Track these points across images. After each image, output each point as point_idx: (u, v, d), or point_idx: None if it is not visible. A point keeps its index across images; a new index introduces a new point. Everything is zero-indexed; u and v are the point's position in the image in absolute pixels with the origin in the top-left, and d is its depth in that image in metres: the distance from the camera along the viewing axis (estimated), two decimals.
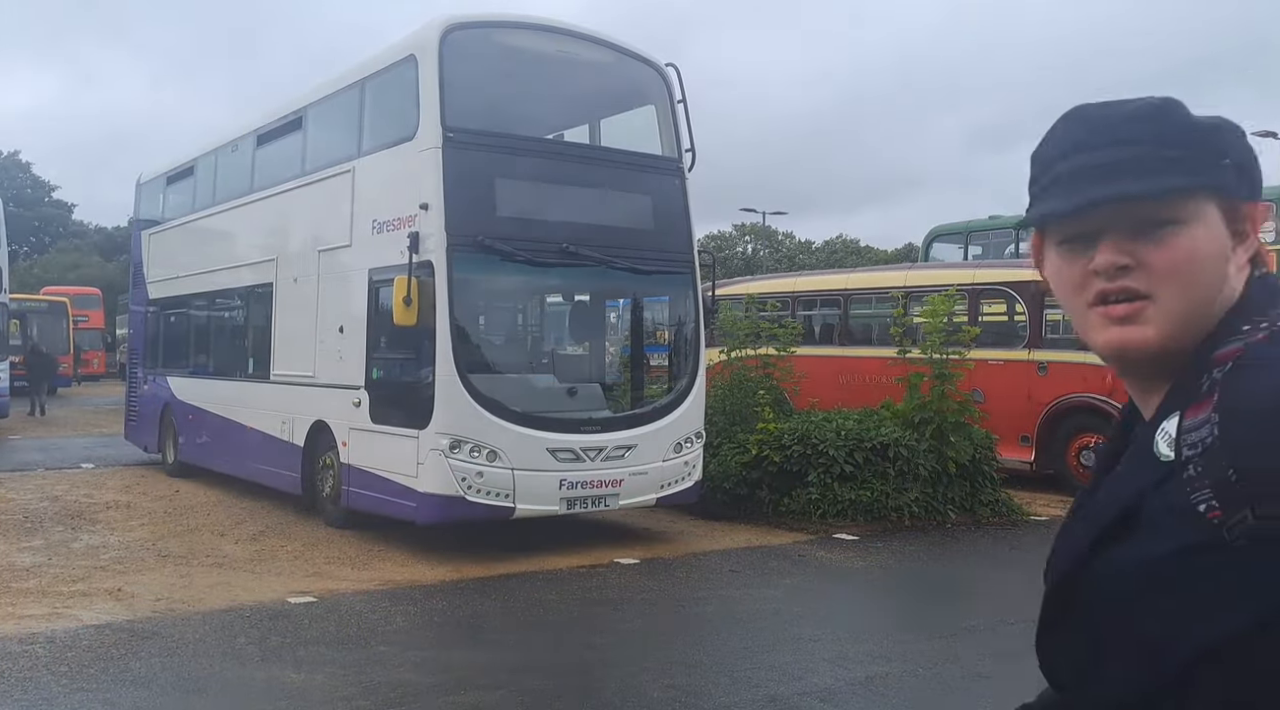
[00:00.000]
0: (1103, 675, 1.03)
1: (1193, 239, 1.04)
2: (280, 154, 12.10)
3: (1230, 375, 0.97)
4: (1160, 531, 0.98)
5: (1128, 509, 1.01)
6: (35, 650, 6.09)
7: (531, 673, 5.84)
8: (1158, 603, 0.97)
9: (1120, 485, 1.05)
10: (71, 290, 39.80)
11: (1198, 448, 0.96)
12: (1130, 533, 1.00)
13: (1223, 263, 1.06)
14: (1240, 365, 0.97)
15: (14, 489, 12.71)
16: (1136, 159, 1.05)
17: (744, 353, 12.44)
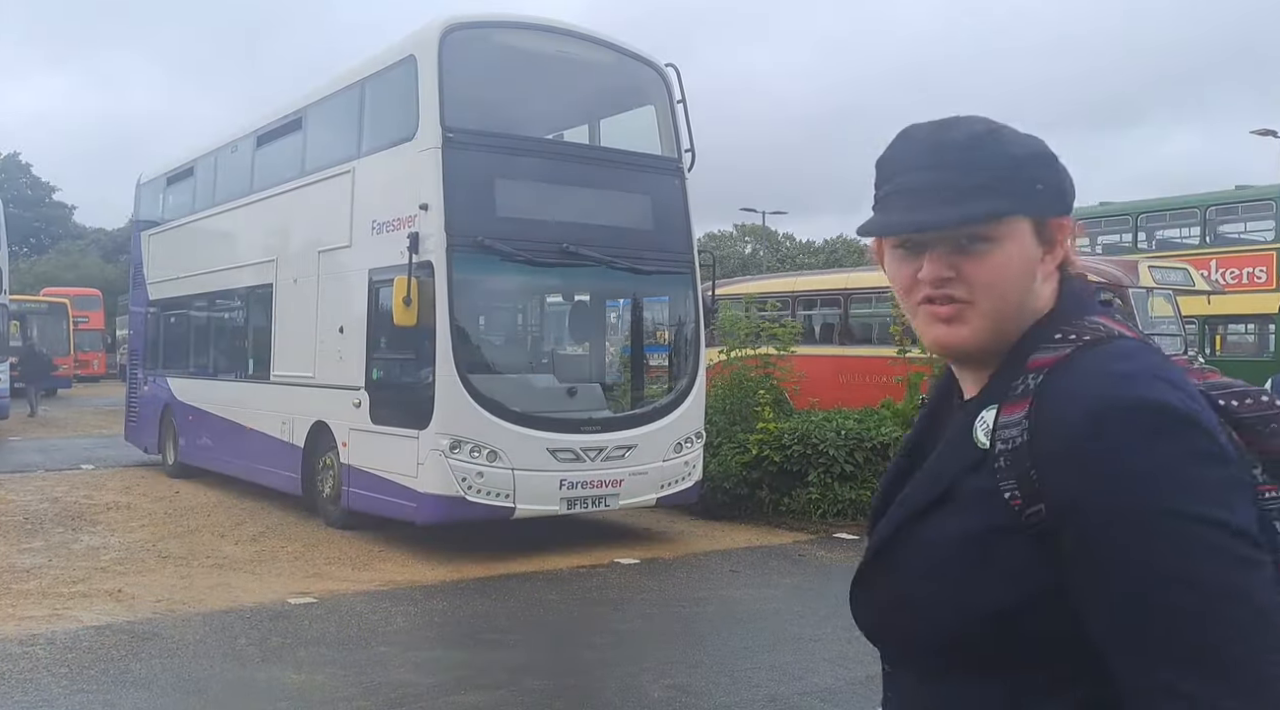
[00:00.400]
0: (919, 614, 1.19)
1: (1005, 255, 1.18)
2: (280, 155, 12.10)
3: (1042, 389, 1.12)
4: (973, 509, 1.15)
5: (948, 488, 1.18)
6: (36, 651, 6.09)
7: (532, 673, 5.84)
8: (964, 568, 1.14)
9: (943, 463, 1.21)
10: (72, 291, 39.80)
11: (1009, 444, 1.13)
12: (948, 506, 1.17)
13: (1031, 273, 1.20)
14: (1052, 381, 1.12)
15: (14, 490, 12.71)
16: (953, 185, 1.18)
17: (744, 352, 12.44)
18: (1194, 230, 18.43)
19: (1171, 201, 19.18)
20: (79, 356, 36.85)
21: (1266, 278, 16.85)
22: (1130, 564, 1.03)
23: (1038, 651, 1.13)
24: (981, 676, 1.16)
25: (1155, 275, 13.37)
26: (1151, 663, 1.02)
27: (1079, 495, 1.06)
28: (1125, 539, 1.03)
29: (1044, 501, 1.09)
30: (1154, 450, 1.04)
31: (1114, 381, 1.09)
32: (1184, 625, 1.01)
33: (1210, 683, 0.99)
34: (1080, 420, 1.07)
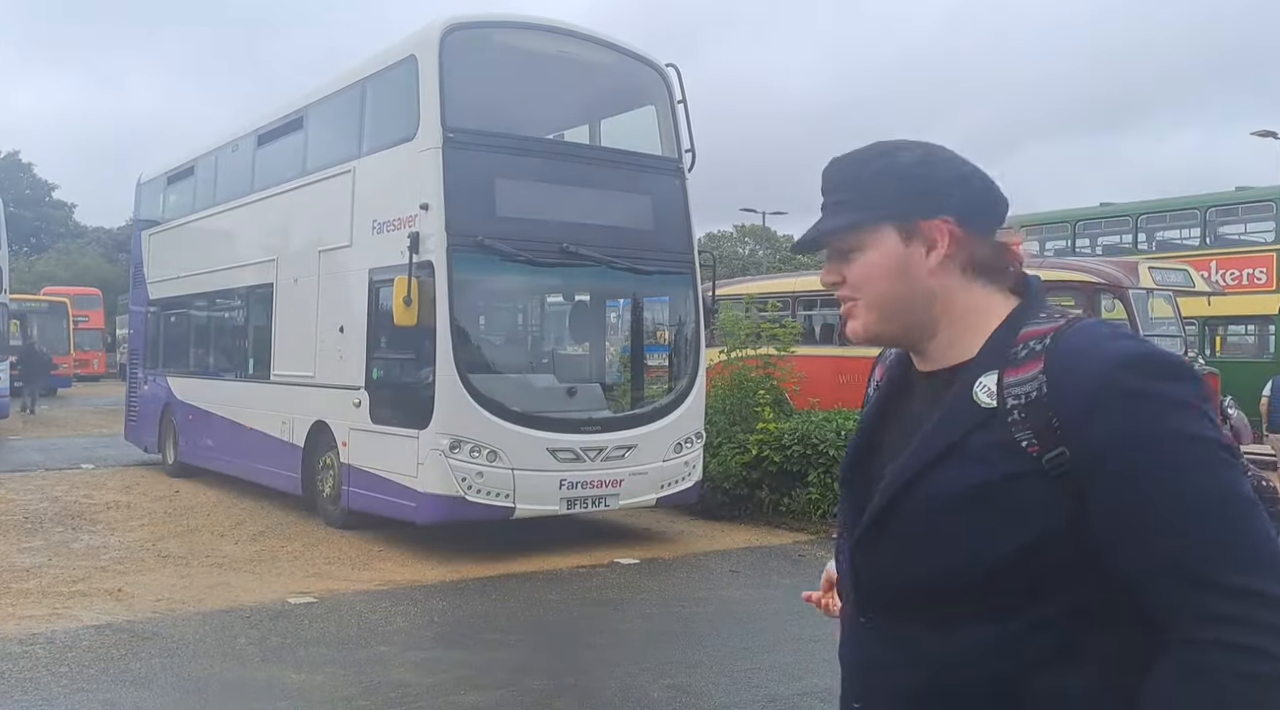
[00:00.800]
0: (926, 564, 1.32)
1: (868, 260, 1.41)
2: (280, 154, 12.10)
3: (1052, 349, 1.29)
4: (987, 460, 1.29)
5: (953, 445, 1.32)
6: (35, 651, 6.09)
7: (531, 673, 5.84)
8: (981, 514, 1.28)
9: (944, 425, 1.34)
10: (72, 290, 39.80)
11: (1022, 399, 1.29)
12: (954, 461, 1.31)
13: (904, 269, 1.40)
14: (1060, 343, 1.30)
15: (14, 489, 12.71)
16: (824, 206, 1.45)
17: (744, 353, 12.43)
18: (1194, 231, 18.42)
19: (1172, 202, 19.17)
20: (79, 356, 36.84)
21: (1267, 279, 16.84)
22: (1167, 480, 1.21)
23: (1046, 593, 1.27)
24: (993, 618, 1.28)
25: (1155, 276, 13.37)
26: (1192, 558, 1.20)
27: (1117, 428, 1.23)
28: (1160, 458, 1.22)
29: (1066, 444, 1.25)
30: (1174, 389, 1.25)
31: (1126, 341, 1.29)
32: (1213, 520, 1.20)
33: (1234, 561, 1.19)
34: (1111, 367, 1.25)
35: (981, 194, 1.41)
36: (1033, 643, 1.27)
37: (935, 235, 1.39)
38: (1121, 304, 12.72)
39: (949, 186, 1.40)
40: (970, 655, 1.30)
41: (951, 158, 1.44)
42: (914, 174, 1.40)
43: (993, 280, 1.42)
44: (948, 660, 1.32)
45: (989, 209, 1.42)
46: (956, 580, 1.30)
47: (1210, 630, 1.18)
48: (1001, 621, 1.28)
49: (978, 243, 1.40)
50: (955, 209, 1.39)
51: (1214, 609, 1.19)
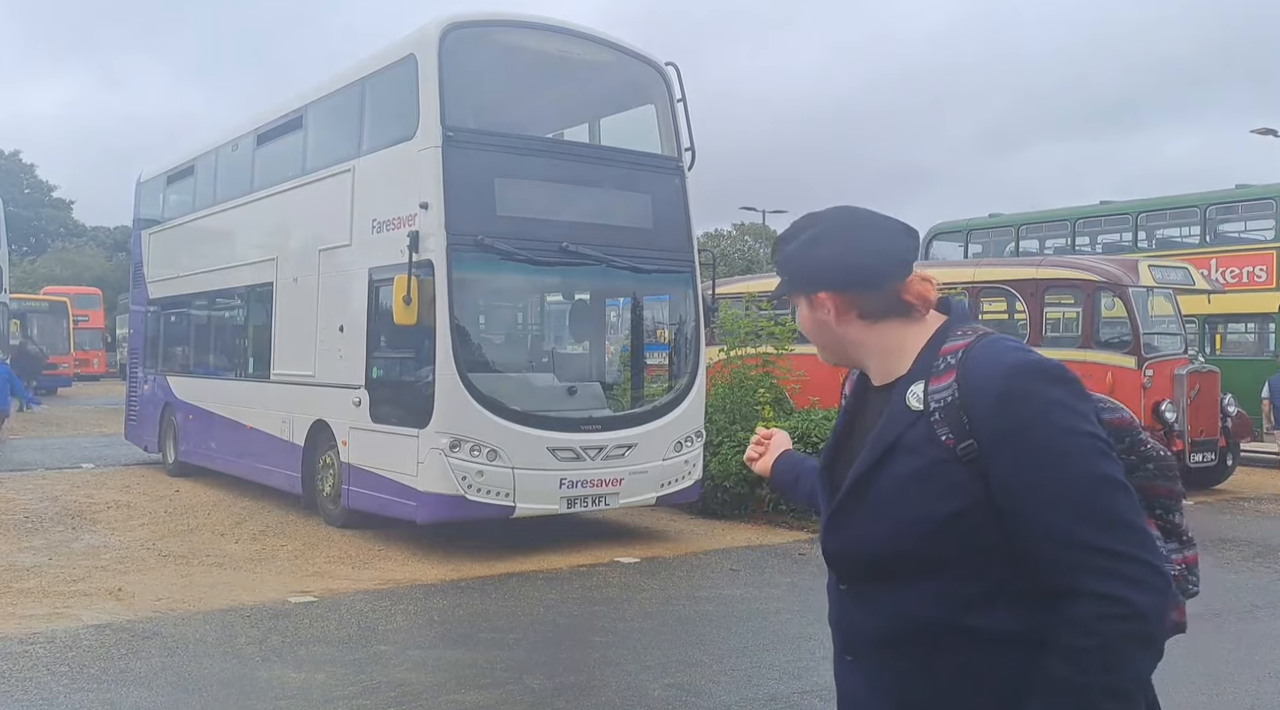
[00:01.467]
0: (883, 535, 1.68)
1: (802, 314, 1.86)
2: (280, 153, 12.10)
3: (964, 363, 1.65)
4: (918, 451, 1.65)
5: (895, 440, 1.68)
6: (36, 650, 6.09)
7: (532, 672, 5.84)
8: (920, 492, 1.64)
9: (886, 426, 1.71)
10: (72, 290, 39.84)
11: (941, 402, 1.65)
12: (898, 454, 1.67)
13: (821, 324, 1.82)
14: (968, 357, 1.65)
15: (14, 489, 12.72)
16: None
17: (744, 351, 12.43)
18: (1194, 229, 18.41)
19: (1172, 200, 19.16)
20: (79, 355, 36.86)
21: (1266, 277, 16.84)
22: (1049, 464, 1.56)
23: (969, 553, 1.62)
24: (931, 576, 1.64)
25: (1155, 274, 13.36)
26: (1063, 522, 1.55)
27: (1009, 424, 1.58)
28: (1043, 447, 1.57)
29: (974, 437, 1.60)
30: (1054, 391, 1.59)
31: (1018, 353, 1.64)
32: (1085, 496, 1.56)
33: (1100, 527, 1.55)
34: (1004, 375, 1.60)
35: (860, 265, 1.75)
36: (962, 592, 1.62)
37: (822, 303, 1.80)
38: (1121, 302, 12.71)
39: (824, 267, 1.78)
40: (915, 605, 1.66)
41: (840, 234, 1.78)
42: (801, 259, 1.80)
43: (901, 316, 1.77)
44: (899, 610, 1.68)
45: (868, 276, 1.75)
46: (903, 546, 1.66)
47: (1085, 582, 1.53)
48: (937, 577, 1.64)
49: (865, 299, 1.76)
50: (830, 283, 1.78)
51: (1087, 563, 1.54)
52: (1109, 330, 13.25)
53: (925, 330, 1.76)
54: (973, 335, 1.70)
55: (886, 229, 1.78)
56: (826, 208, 1.84)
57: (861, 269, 1.76)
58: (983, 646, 1.62)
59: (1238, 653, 6.24)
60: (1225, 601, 7.31)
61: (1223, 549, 9.26)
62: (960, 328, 1.74)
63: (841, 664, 1.83)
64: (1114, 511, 1.56)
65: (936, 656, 1.65)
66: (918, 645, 1.66)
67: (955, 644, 1.63)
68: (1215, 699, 5.50)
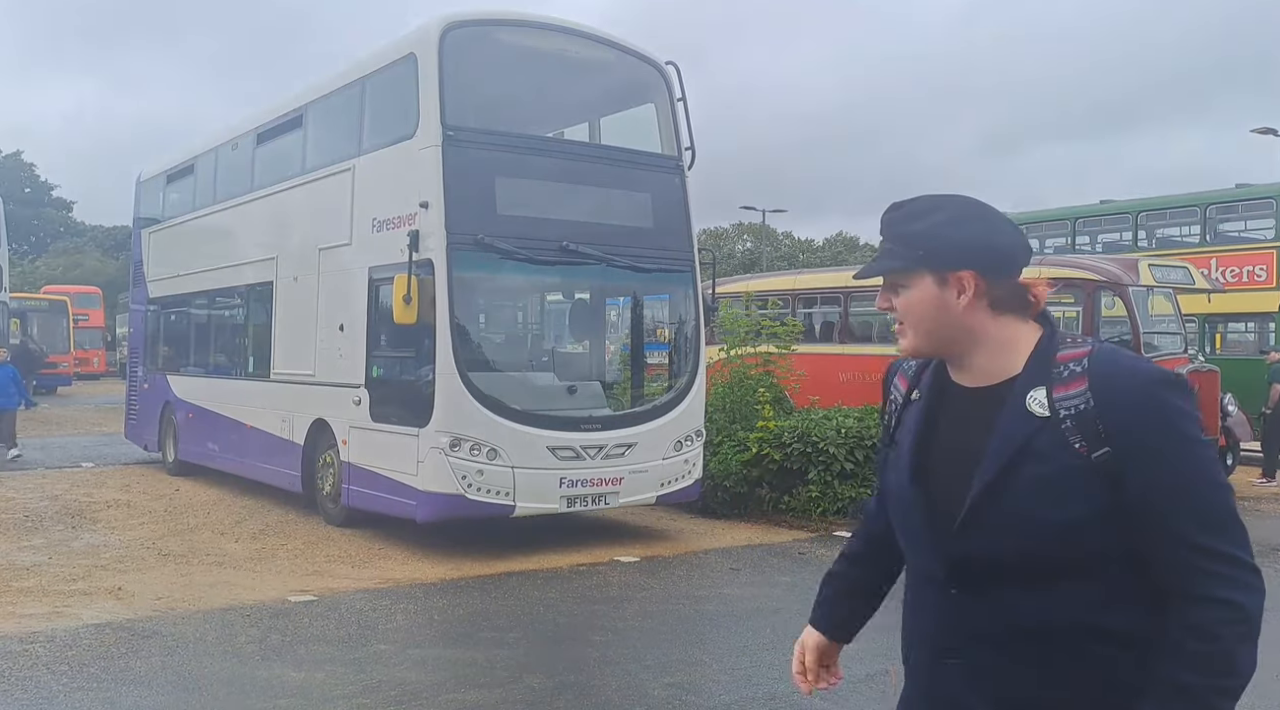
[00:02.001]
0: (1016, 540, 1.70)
1: (914, 296, 1.80)
2: (280, 152, 12.09)
3: (1092, 371, 1.70)
4: (1050, 458, 1.69)
5: (1023, 446, 1.70)
6: (35, 649, 6.09)
7: (532, 671, 5.84)
8: (1053, 498, 1.68)
9: (1011, 433, 1.72)
10: (72, 289, 39.84)
11: (1072, 410, 1.69)
12: (1028, 460, 1.70)
13: (940, 306, 1.78)
14: (1098, 366, 1.71)
15: (14, 488, 12.72)
16: (884, 250, 1.83)
17: (744, 350, 12.43)
18: (1194, 228, 18.40)
19: (1172, 200, 19.16)
20: (79, 354, 36.84)
21: (1267, 276, 16.82)
22: (1182, 472, 1.66)
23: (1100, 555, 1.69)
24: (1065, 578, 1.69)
25: (1155, 274, 13.35)
26: (1192, 527, 1.64)
27: (1148, 433, 1.66)
28: (1178, 456, 1.66)
29: (1109, 444, 1.66)
30: (1184, 403, 1.69)
31: (1147, 364, 1.74)
32: (1210, 504, 1.66)
33: (1223, 533, 1.65)
34: (1142, 386, 1.68)
35: (1002, 250, 1.78)
36: (1087, 593, 1.69)
37: (962, 283, 1.76)
38: (1121, 301, 12.70)
39: (972, 246, 1.76)
40: (1043, 606, 1.70)
41: (981, 216, 1.79)
42: (944, 235, 1.77)
43: (1017, 313, 1.79)
44: (1026, 612, 1.71)
45: (1009, 261, 1.78)
46: (1038, 550, 1.69)
47: (1209, 587, 1.62)
48: (1066, 579, 1.70)
49: (1000, 286, 1.77)
50: (977, 263, 1.76)
51: (1211, 570, 1.63)
52: (1109, 329, 13.24)
53: (1032, 332, 1.80)
54: (1085, 344, 1.75)
55: (1012, 223, 1.83)
56: (944, 193, 1.84)
57: (1005, 253, 1.79)
58: (1099, 645, 1.70)
59: None
60: None
61: None
62: (1067, 335, 1.79)
63: (937, 668, 1.82)
64: (1231, 519, 1.67)
65: (1056, 656, 1.71)
66: (1038, 645, 1.72)
67: (1075, 643, 1.70)
68: None
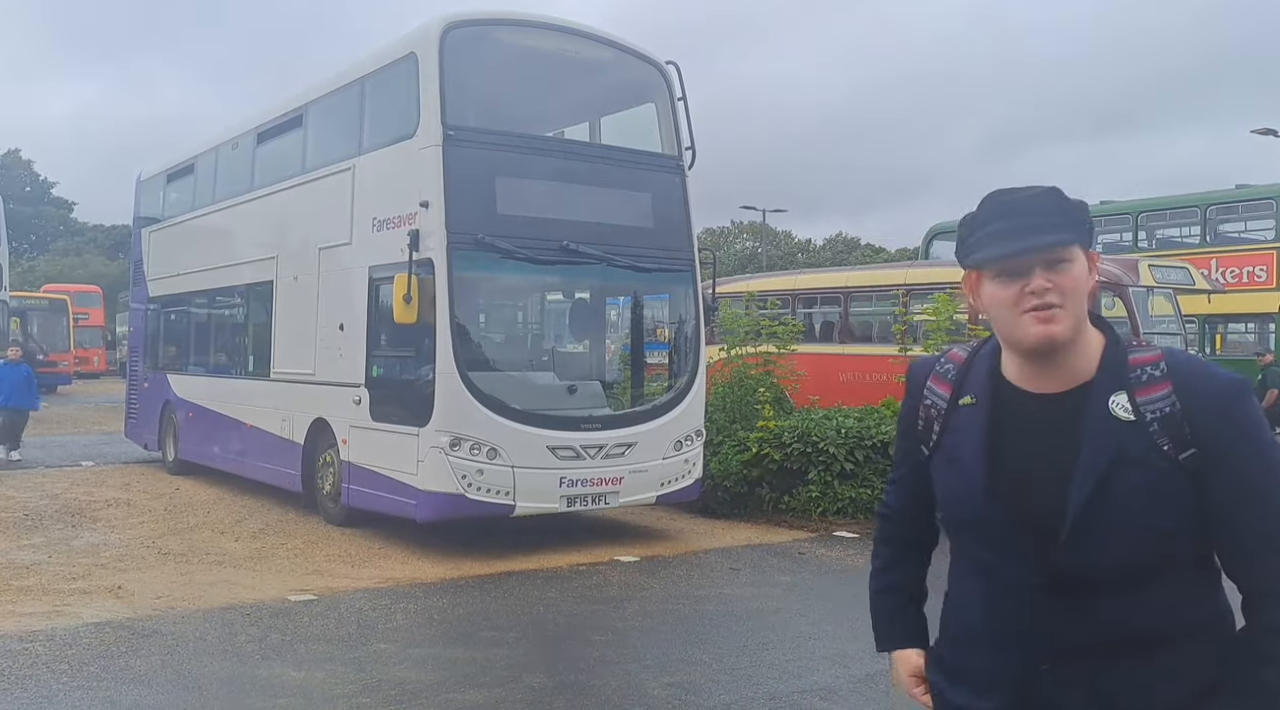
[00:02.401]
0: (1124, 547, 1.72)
1: (1078, 270, 1.75)
2: (280, 152, 12.09)
3: (1175, 375, 1.73)
4: (1145, 463, 1.71)
5: (1116, 453, 1.72)
6: (35, 648, 6.09)
7: (531, 670, 5.84)
8: (1153, 502, 1.71)
9: (1100, 440, 1.73)
10: (72, 288, 39.83)
11: (1158, 413, 1.71)
12: (1123, 466, 1.72)
13: (1086, 286, 1.76)
14: (1178, 370, 1.74)
15: (14, 487, 12.72)
16: (1037, 225, 1.74)
17: (744, 350, 12.43)
18: (1194, 229, 18.42)
19: (1172, 200, 19.17)
20: (79, 353, 36.84)
21: (1267, 277, 16.84)
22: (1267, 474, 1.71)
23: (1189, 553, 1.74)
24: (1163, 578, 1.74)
25: (1156, 274, 13.36)
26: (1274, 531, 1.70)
27: (1235, 436, 1.70)
28: (1262, 458, 1.71)
29: (1196, 446, 1.69)
30: (1259, 411, 1.76)
31: (1221, 370, 1.76)
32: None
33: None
34: (1224, 391, 1.72)
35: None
36: (1180, 589, 1.75)
37: (1092, 263, 1.79)
38: (1121, 302, 12.70)
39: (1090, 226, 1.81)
40: (1144, 607, 1.74)
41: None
42: (1086, 210, 1.80)
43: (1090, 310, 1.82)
44: (1127, 614, 1.74)
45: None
46: (1143, 554, 1.73)
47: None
48: (1164, 579, 1.74)
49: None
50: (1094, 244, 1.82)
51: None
52: None
53: (1096, 334, 1.82)
54: (1153, 347, 1.80)
55: None
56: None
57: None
58: (1184, 643, 1.75)
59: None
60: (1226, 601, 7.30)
61: None
62: (1129, 339, 1.84)
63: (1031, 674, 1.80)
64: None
65: (1154, 653, 1.75)
66: (1138, 645, 1.76)
67: (1171, 639, 1.75)
68: None
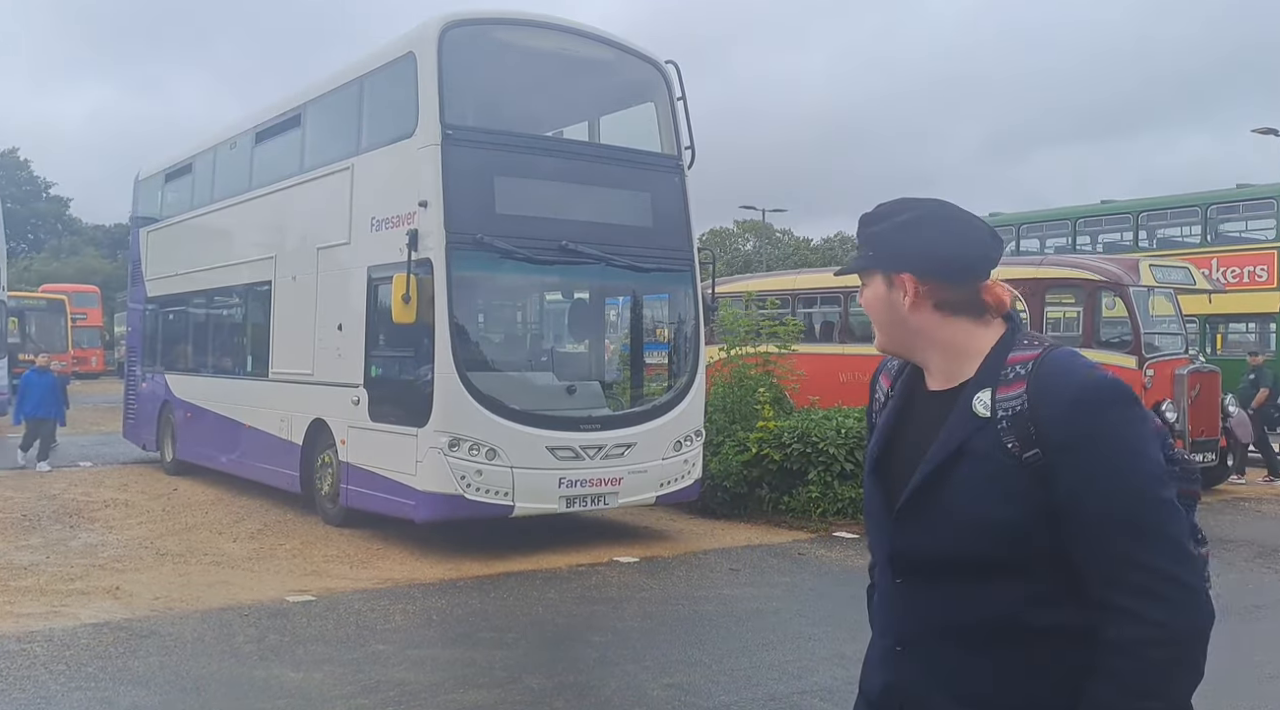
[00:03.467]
0: (949, 536, 1.73)
1: (866, 294, 1.90)
2: (279, 151, 12.08)
3: (1034, 373, 1.71)
4: (986, 457, 1.71)
5: (962, 445, 1.74)
6: (33, 649, 6.07)
7: (531, 671, 5.83)
8: (988, 494, 1.70)
9: (952, 431, 1.76)
10: (70, 287, 39.81)
11: (1009, 411, 1.71)
12: (965, 458, 1.73)
13: (889, 305, 1.84)
14: (1040, 369, 1.72)
15: (12, 487, 12.70)
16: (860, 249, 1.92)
17: (744, 350, 12.41)
18: (1195, 229, 18.41)
19: (1173, 200, 19.16)
20: (77, 353, 36.81)
21: (1267, 276, 16.83)
22: (1107, 479, 1.63)
23: (1032, 555, 1.68)
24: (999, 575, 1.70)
25: (1156, 274, 13.34)
26: (1114, 535, 1.62)
27: (1075, 437, 1.64)
28: (1103, 462, 1.64)
29: (1040, 447, 1.66)
30: (1120, 411, 1.67)
31: (1089, 370, 1.71)
32: (1135, 514, 1.62)
33: (1148, 544, 1.61)
34: (1076, 390, 1.67)
35: (944, 257, 1.80)
36: (1025, 590, 1.69)
37: (904, 285, 1.82)
38: (1122, 301, 12.69)
39: (915, 250, 1.81)
40: (979, 602, 1.71)
41: (935, 222, 1.82)
42: (893, 239, 1.83)
43: (973, 316, 1.81)
44: (963, 606, 1.73)
45: (952, 267, 1.81)
46: (969, 547, 1.71)
47: (1123, 598, 1.60)
48: (1001, 577, 1.70)
49: (946, 290, 1.80)
50: (915, 267, 1.81)
51: (1128, 579, 1.60)
52: (1110, 330, 13.23)
53: (991, 335, 1.81)
54: (1040, 346, 1.76)
55: (978, 228, 1.83)
56: (921, 197, 1.88)
57: (951, 260, 1.81)
58: (1043, 642, 1.68)
59: (1238, 653, 6.22)
60: (1226, 602, 7.26)
61: (1223, 549, 9.23)
62: (1026, 337, 1.79)
63: (889, 655, 1.86)
64: (1162, 532, 1.62)
65: (999, 650, 1.71)
66: (981, 639, 1.72)
67: (1017, 639, 1.70)
68: (1215, 701, 5.48)
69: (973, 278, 1.81)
